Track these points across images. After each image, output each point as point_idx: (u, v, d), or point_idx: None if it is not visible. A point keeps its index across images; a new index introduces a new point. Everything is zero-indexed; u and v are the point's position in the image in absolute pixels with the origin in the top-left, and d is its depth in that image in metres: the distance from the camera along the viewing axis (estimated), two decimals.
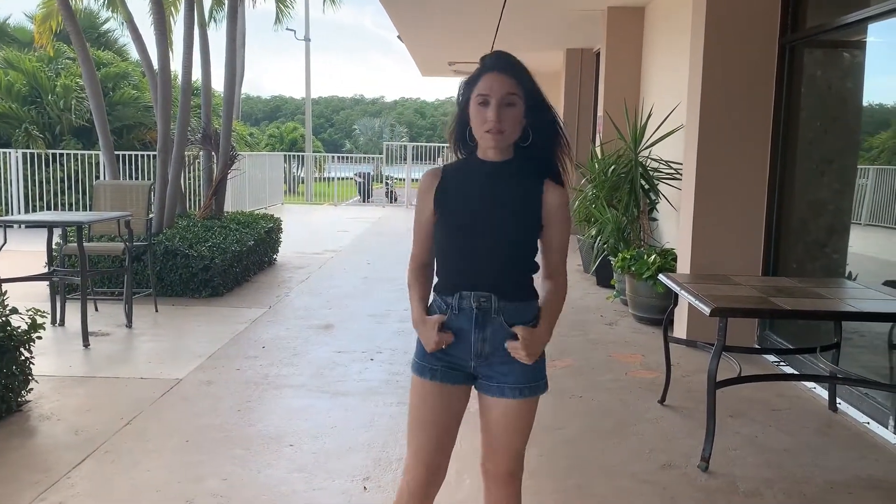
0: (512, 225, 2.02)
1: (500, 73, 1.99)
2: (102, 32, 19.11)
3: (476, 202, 2.03)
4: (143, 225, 6.51)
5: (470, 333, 2.05)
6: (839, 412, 4.11)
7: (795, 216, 5.21)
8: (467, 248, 2.04)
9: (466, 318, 2.05)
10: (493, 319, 2.03)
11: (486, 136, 1.98)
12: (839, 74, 5.19)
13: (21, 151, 12.56)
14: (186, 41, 8.16)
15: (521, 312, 2.05)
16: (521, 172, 2.04)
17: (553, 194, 2.03)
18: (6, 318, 3.96)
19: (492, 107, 1.96)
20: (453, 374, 2.10)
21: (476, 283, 2.03)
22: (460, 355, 2.08)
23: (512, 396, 2.07)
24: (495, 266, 2.03)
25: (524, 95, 2.00)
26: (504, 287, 2.03)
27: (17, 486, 3.13)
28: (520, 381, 2.06)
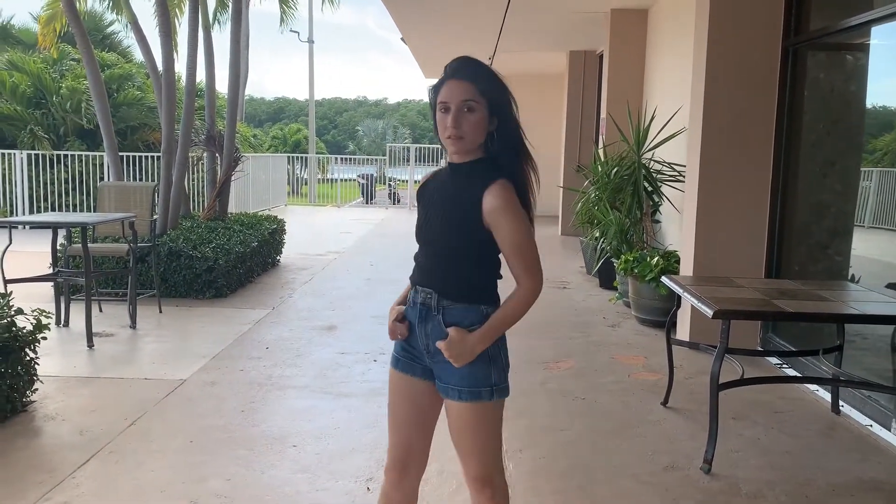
0: (446, 229, 2.05)
1: (460, 80, 2.00)
2: (107, 34, 19.16)
3: (433, 203, 2.11)
4: (147, 226, 6.52)
5: (416, 328, 2.13)
6: (842, 415, 4.11)
7: (798, 218, 5.21)
8: (421, 246, 2.14)
9: (415, 312, 2.12)
10: (434, 317, 2.08)
11: (447, 141, 2.02)
12: (842, 77, 5.19)
13: (26, 153, 12.61)
14: (191, 43, 8.19)
15: (463, 315, 2.05)
16: (473, 175, 2.03)
17: (491, 197, 1.97)
18: (11, 318, 3.98)
19: (451, 114, 1.99)
20: (413, 366, 2.16)
21: (425, 279, 2.11)
22: (418, 348, 2.15)
23: (452, 398, 2.08)
24: (439, 266, 2.09)
25: (486, 101, 2.00)
26: (446, 287, 2.07)
27: (22, 485, 3.15)
28: (459, 383, 2.06)
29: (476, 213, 1.98)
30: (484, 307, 2.06)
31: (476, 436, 2.09)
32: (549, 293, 7.43)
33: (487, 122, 2.02)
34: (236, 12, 9.18)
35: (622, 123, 7.59)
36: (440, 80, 2.05)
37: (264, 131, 34.91)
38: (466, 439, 2.10)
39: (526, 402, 4.28)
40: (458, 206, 2.02)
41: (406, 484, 2.21)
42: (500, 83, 2.04)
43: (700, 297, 3.51)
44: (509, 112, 2.05)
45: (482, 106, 2.00)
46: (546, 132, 15.06)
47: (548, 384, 4.61)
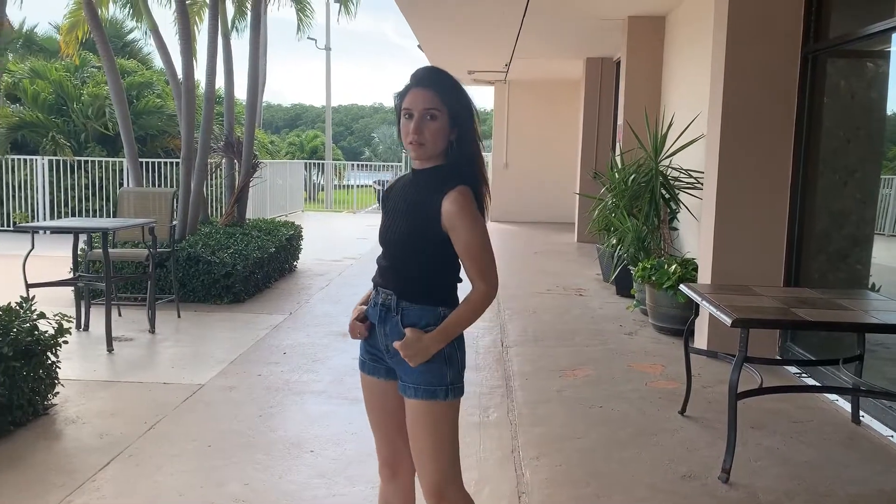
0: (407, 232, 2.11)
1: (423, 89, 2.07)
2: (127, 42, 19.40)
3: (393, 208, 2.18)
4: (166, 231, 6.58)
5: (376, 329, 2.19)
6: (862, 425, 4.07)
7: (818, 226, 5.17)
8: (383, 248, 2.21)
9: (376, 312, 2.18)
10: (392, 318, 2.14)
11: (409, 147, 2.08)
12: (863, 84, 5.16)
13: (47, 158, 12.77)
14: (210, 50, 8.28)
15: (420, 316, 2.11)
16: (432, 181, 2.10)
17: (449, 201, 2.04)
18: (34, 322, 4.03)
19: (413, 120, 2.05)
20: (377, 368, 2.23)
21: (385, 281, 2.17)
22: (379, 348, 2.20)
23: (409, 396, 2.13)
24: (398, 268, 2.16)
25: (447, 110, 2.07)
26: (405, 288, 2.13)
27: (43, 487, 3.19)
28: (416, 381, 2.10)
29: (435, 217, 2.05)
30: (441, 309, 2.12)
31: (431, 436, 2.11)
32: (565, 300, 7.41)
33: (448, 130, 2.08)
34: (255, 19, 9.27)
35: (639, 130, 7.57)
36: (405, 87, 2.12)
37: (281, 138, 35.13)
38: (421, 440, 2.13)
39: (542, 410, 4.27)
40: (419, 210, 2.09)
41: (399, 481, 2.28)
42: (462, 94, 2.11)
43: (718, 305, 3.50)
44: (469, 122, 2.11)
45: (444, 114, 2.07)
46: (562, 139, 15.07)
47: (564, 392, 4.60)
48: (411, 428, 2.14)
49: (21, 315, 4.02)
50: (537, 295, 7.66)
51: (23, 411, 3.83)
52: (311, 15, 20.60)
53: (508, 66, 13.20)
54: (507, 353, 5.46)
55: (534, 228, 14.11)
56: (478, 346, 5.64)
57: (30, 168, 12.77)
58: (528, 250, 11.27)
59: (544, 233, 13.51)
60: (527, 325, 6.34)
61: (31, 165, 12.77)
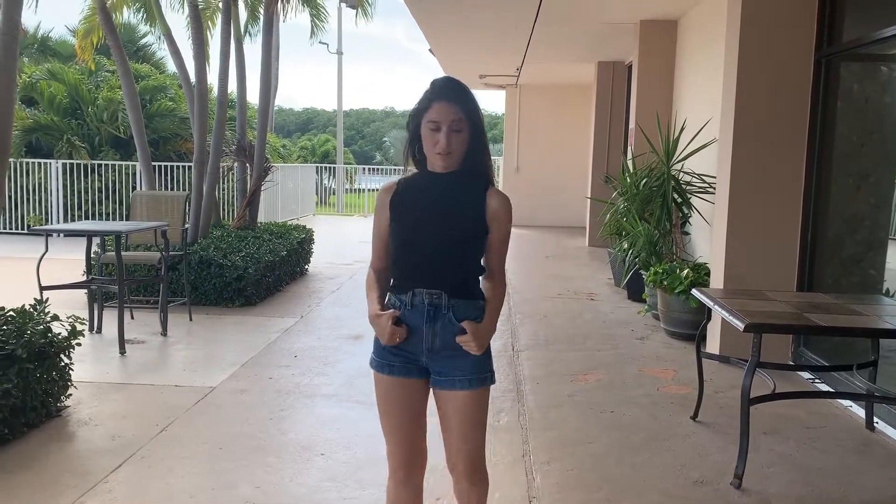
0: (461, 227, 2.21)
1: (449, 104, 2.18)
2: (141, 46, 19.53)
3: (429, 208, 2.23)
4: (178, 235, 6.62)
5: (422, 328, 2.22)
6: (876, 431, 4.04)
7: (831, 231, 5.14)
8: (421, 248, 2.22)
9: (419, 313, 2.22)
10: (443, 315, 2.21)
11: (437, 157, 2.19)
12: (876, 88, 5.12)
13: (61, 162, 12.88)
14: (223, 54, 8.33)
15: (469, 309, 2.23)
16: (466, 182, 2.23)
17: (495, 199, 2.22)
18: (47, 324, 4.06)
19: (443, 133, 2.16)
20: (409, 369, 2.27)
21: (428, 280, 2.21)
22: (413, 350, 2.25)
23: (461, 388, 2.22)
24: (446, 265, 2.22)
25: (468, 123, 2.19)
26: (453, 285, 2.22)
27: (56, 489, 3.21)
28: (467, 372, 2.22)
29: (480, 211, 2.21)
30: (481, 301, 2.27)
31: (478, 420, 2.27)
32: (577, 305, 7.40)
33: (468, 139, 2.21)
34: (267, 24, 9.32)
35: (651, 134, 7.55)
36: (429, 98, 2.21)
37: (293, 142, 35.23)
38: (469, 426, 2.25)
39: (554, 415, 4.26)
40: (463, 207, 2.21)
41: (412, 481, 2.35)
42: (478, 106, 2.24)
43: (731, 310, 3.48)
44: (483, 131, 2.26)
45: (466, 127, 2.19)
46: (574, 143, 15.04)
47: (576, 397, 4.58)
48: (461, 416, 2.24)
49: (35, 317, 4.05)
50: (549, 299, 7.64)
51: (36, 413, 3.86)
52: (325, 19, 20.65)
53: (520, 70, 13.20)
54: (519, 357, 5.45)
55: (545, 232, 14.08)
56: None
57: (44, 171, 12.88)
58: (539, 254, 11.25)
59: (556, 237, 13.49)
60: (538, 329, 6.33)
61: (46, 169, 12.88)
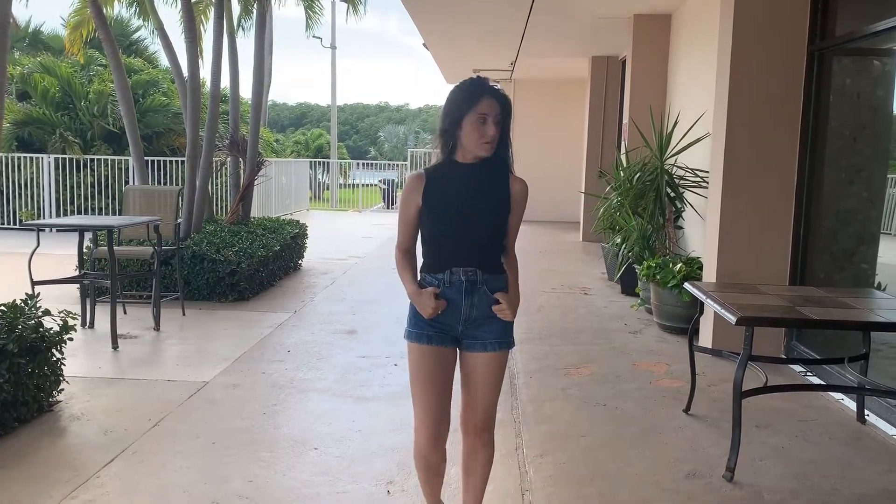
0: (491, 211, 2.50)
1: (496, 101, 2.44)
2: (133, 40, 19.41)
3: (462, 195, 2.48)
4: (171, 229, 6.60)
5: (460, 302, 2.51)
6: (868, 424, 4.05)
7: (823, 225, 5.15)
8: (456, 232, 2.50)
9: (457, 289, 2.50)
10: (479, 289, 2.50)
11: (485, 146, 2.44)
12: (869, 83, 5.13)
13: (53, 157, 12.81)
14: (215, 49, 8.28)
15: (498, 282, 2.54)
16: (491, 171, 2.51)
17: (517, 185, 2.53)
18: (39, 319, 4.04)
19: (489, 125, 2.42)
20: (443, 338, 2.54)
21: (464, 260, 2.49)
22: (449, 322, 2.53)
23: (492, 350, 2.55)
24: (479, 245, 2.52)
25: (504, 118, 2.47)
26: (485, 262, 2.52)
27: (47, 483, 3.20)
28: (500, 336, 2.56)
29: (507, 198, 2.52)
30: (504, 274, 2.57)
31: (500, 378, 2.61)
32: (570, 299, 7.40)
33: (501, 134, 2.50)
34: (260, 18, 9.28)
35: (645, 129, 7.55)
36: (476, 94, 2.43)
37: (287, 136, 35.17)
38: (491, 386, 2.58)
39: (547, 408, 4.27)
40: (495, 194, 2.50)
41: (441, 443, 2.58)
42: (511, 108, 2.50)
43: (723, 303, 3.49)
44: (509, 129, 2.52)
45: (502, 122, 2.46)
46: (568, 137, 15.05)
47: (569, 390, 4.59)
48: (487, 375, 2.57)
49: (26, 312, 4.03)
50: (542, 293, 7.65)
51: (28, 408, 3.85)
52: (319, 12, 20.55)
53: (514, 64, 13.19)
54: (512, 351, 5.45)
55: (539, 227, 14.09)
56: None
57: (36, 166, 12.82)
58: (533, 249, 11.25)
59: (549, 231, 13.50)
60: (532, 323, 6.33)
61: (38, 163, 12.81)
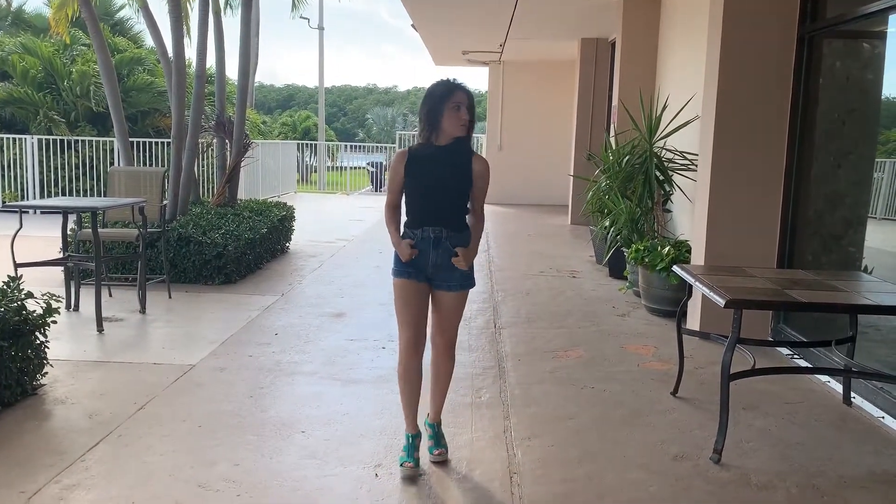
0: (455, 183, 3.21)
1: (464, 92, 3.17)
2: (117, 20, 19.14)
3: (435, 171, 3.19)
4: (156, 211, 6.53)
5: (429, 252, 3.23)
6: (853, 406, 4.08)
7: (812, 208, 5.16)
8: (428, 199, 3.23)
9: (426, 242, 3.23)
10: (443, 243, 3.21)
11: (461, 127, 3.16)
12: (859, 65, 5.12)
13: (37, 137, 12.64)
14: (201, 28, 8.17)
15: (459, 238, 3.24)
16: (458, 152, 3.22)
17: (478, 163, 3.22)
18: (22, 302, 3.99)
19: (463, 111, 3.14)
20: (419, 275, 3.27)
21: (433, 220, 3.21)
22: (422, 265, 3.26)
23: (454, 290, 3.29)
24: (446, 209, 3.23)
25: (470, 107, 3.18)
26: (450, 223, 3.22)
27: (32, 467, 3.16)
28: (458, 280, 3.28)
29: (469, 172, 3.21)
30: (466, 231, 3.27)
31: (460, 311, 3.36)
32: (558, 282, 7.40)
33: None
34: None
35: (634, 111, 7.52)
36: (451, 89, 3.15)
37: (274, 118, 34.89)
38: (454, 317, 3.35)
39: (535, 391, 4.27)
40: (460, 169, 3.21)
41: (418, 352, 3.28)
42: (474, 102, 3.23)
43: (712, 286, 3.48)
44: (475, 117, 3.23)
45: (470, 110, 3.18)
46: (557, 120, 15.01)
47: (557, 373, 4.59)
48: (450, 309, 3.31)
49: (9, 295, 3.98)
50: (530, 277, 7.65)
51: (11, 391, 3.80)
52: None
53: (503, 46, 13.10)
54: (500, 335, 5.45)
55: (527, 211, 14.08)
56: (471, 327, 5.62)
57: (19, 147, 12.65)
58: (521, 232, 11.25)
59: (538, 215, 13.49)
60: (520, 306, 6.33)
61: (21, 144, 12.64)
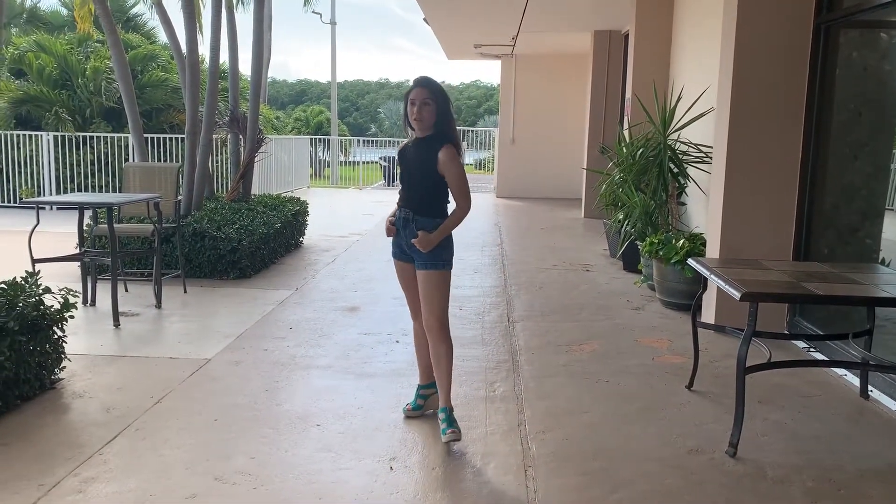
0: (421, 174, 3.46)
1: (421, 87, 3.41)
2: (131, 16, 19.24)
3: (411, 161, 3.52)
4: (171, 207, 6.57)
5: (402, 231, 3.52)
6: (871, 399, 4.05)
7: (828, 200, 5.11)
8: (406, 185, 3.55)
9: (401, 223, 3.52)
10: (411, 225, 3.47)
11: (414, 122, 3.42)
12: (876, 56, 5.06)
13: (52, 134, 12.73)
14: (214, 24, 8.19)
15: (427, 223, 3.45)
16: (431, 144, 3.43)
17: (443, 153, 3.38)
18: (39, 297, 4.03)
19: (416, 106, 3.38)
20: (404, 255, 3.58)
21: (406, 203, 3.51)
22: (400, 244, 3.57)
23: (423, 268, 3.48)
24: (414, 196, 3.51)
25: (434, 99, 3.40)
26: (419, 208, 3.47)
27: (51, 461, 3.20)
28: (426, 260, 3.45)
29: (434, 164, 3.40)
30: (437, 219, 3.47)
31: (434, 293, 3.47)
32: (572, 276, 7.39)
33: (436, 112, 3.41)
34: None
35: (648, 104, 7.48)
36: (412, 85, 3.43)
37: (287, 113, 34.97)
38: (427, 296, 3.48)
39: (549, 385, 4.26)
40: (426, 162, 3.43)
41: (418, 321, 3.67)
42: (443, 92, 3.44)
43: (727, 279, 3.46)
44: (448, 107, 3.46)
45: (434, 103, 3.40)
46: (570, 113, 14.94)
47: (571, 366, 4.58)
48: (422, 287, 3.48)
49: (27, 290, 4.01)
50: (544, 270, 7.63)
51: (30, 385, 3.84)
52: None
53: (515, 39, 13.05)
54: (514, 328, 5.45)
55: (540, 204, 14.04)
56: (484, 321, 5.62)
57: (35, 143, 12.75)
58: (534, 226, 11.22)
59: (551, 208, 13.45)
60: (533, 300, 6.32)
61: (37, 141, 12.74)
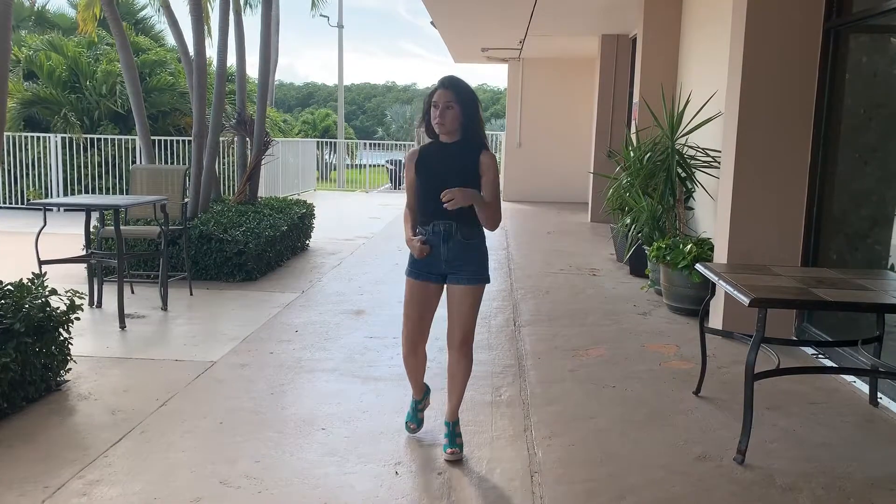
0: (461, 182, 3.15)
1: (445, 89, 3.19)
2: (139, 19, 19.32)
3: (442, 166, 3.24)
4: (178, 209, 6.57)
5: (440, 247, 3.25)
6: (880, 406, 4.02)
7: (837, 206, 5.08)
8: (431, 197, 3.18)
9: (437, 236, 3.25)
10: (453, 236, 3.25)
11: (436, 125, 3.20)
12: (886, 60, 5.03)
13: (60, 136, 12.78)
14: (222, 27, 8.21)
15: (470, 231, 3.26)
16: (463, 148, 3.26)
17: (485, 158, 3.24)
18: (46, 298, 4.03)
19: (440, 109, 3.17)
20: (430, 276, 3.31)
21: (441, 216, 3.21)
22: (434, 262, 3.28)
23: (466, 284, 3.28)
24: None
25: (460, 102, 3.18)
26: (460, 217, 3.20)
27: (56, 463, 3.19)
28: (473, 274, 3.28)
29: (476, 168, 3.23)
30: (479, 230, 3.29)
31: (474, 306, 3.31)
32: (578, 280, 7.36)
33: (461, 115, 3.19)
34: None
35: (655, 108, 7.45)
36: (435, 87, 3.22)
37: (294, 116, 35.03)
38: (466, 312, 3.29)
39: (555, 390, 4.24)
40: (466, 168, 3.23)
41: (419, 353, 3.43)
42: (471, 93, 3.23)
43: (736, 284, 3.44)
44: (476, 111, 3.25)
45: (458, 106, 3.18)
46: (577, 117, 14.92)
47: (577, 372, 4.56)
48: (462, 304, 3.28)
49: (33, 291, 4.02)
50: (550, 275, 7.61)
51: (35, 387, 3.84)
52: None
53: (522, 43, 13.05)
54: (520, 333, 5.43)
55: (547, 208, 14.02)
56: (490, 325, 5.61)
57: (43, 145, 12.80)
58: (541, 230, 11.20)
59: (558, 212, 13.43)
60: (540, 304, 6.30)
61: (45, 143, 12.79)
